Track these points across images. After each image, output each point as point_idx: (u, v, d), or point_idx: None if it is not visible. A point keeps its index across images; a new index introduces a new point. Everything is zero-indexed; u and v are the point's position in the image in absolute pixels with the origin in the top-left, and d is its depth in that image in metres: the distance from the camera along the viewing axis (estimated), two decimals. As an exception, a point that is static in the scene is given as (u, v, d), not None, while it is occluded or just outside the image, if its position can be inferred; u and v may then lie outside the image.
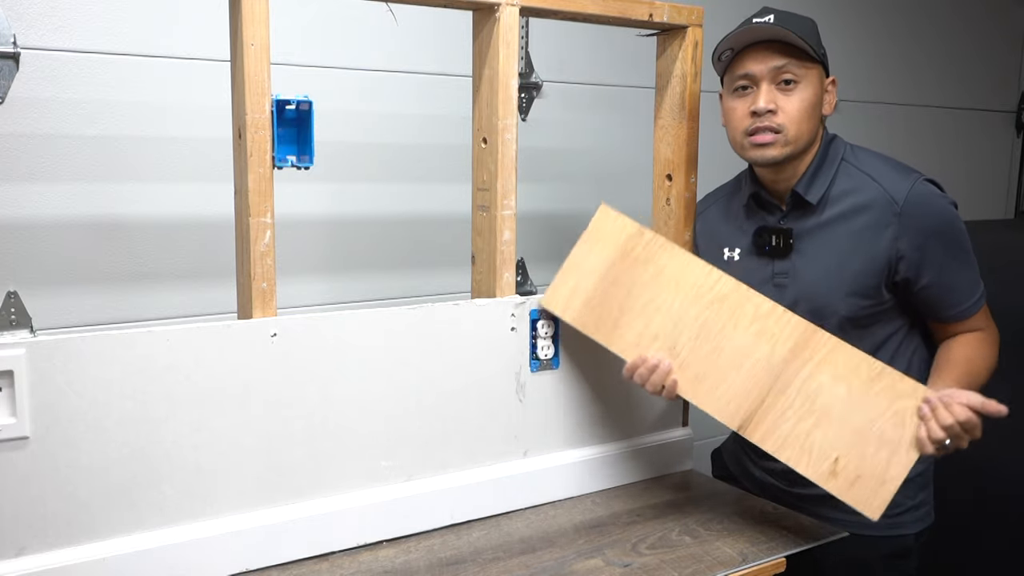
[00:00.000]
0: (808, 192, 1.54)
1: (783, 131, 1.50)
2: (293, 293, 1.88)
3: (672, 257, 1.50)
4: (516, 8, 1.50)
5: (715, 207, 1.73)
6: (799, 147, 1.52)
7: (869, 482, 1.34)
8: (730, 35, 1.53)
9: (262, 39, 1.28)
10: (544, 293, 1.58)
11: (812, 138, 1.54)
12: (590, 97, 2.29)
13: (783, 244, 1.56)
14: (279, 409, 1.35)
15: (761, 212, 1.61)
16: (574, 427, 1.66)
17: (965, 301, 1.52)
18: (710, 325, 1.45)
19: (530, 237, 2.15)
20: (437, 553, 1.42)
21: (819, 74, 1.52)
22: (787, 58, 1.49)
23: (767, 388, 1.40)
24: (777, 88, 1.50)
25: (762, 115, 1.50)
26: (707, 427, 1.79)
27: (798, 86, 1.50)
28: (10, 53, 1.39)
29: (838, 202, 1.53)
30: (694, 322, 1.45)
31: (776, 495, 1.66)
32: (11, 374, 1.16)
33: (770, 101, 1.50)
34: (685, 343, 1.45)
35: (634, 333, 1.49)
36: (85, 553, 1.23)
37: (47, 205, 1.65)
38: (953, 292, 1.51)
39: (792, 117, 1.50)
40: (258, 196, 1.30)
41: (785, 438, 1.38)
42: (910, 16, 3.03)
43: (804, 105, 1.50)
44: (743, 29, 1.51)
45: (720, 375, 1.43)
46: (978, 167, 3.30)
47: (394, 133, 2.00)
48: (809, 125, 1.51)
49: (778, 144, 1.51)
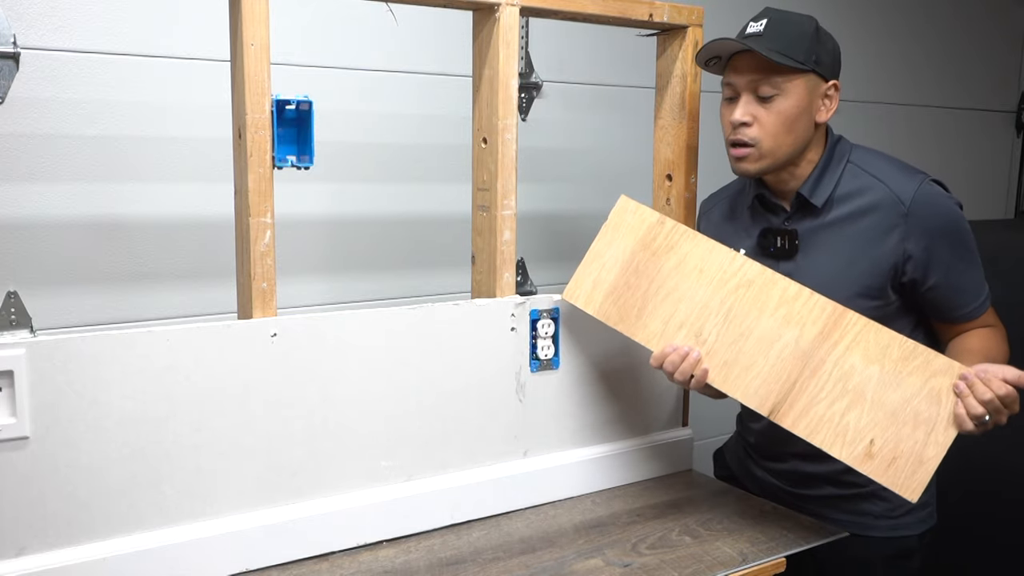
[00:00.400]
0: (813, 194, 1.53)
1: (756, 145, 1.48)
2: (293, 293, 1.88)
3: (695, 245, 1.49)
4: (516, 8, 1.50)
5: (719, 207, 1.72)
6: (777, 160, 1.50)
7: (906, 463, 1.32)
8: (708, 43, 1.50)
9: (262, 39, 1.28)
10: (566, 287, 1.57)
11: (795, 150, 1.50)
12: (590, 97, 2.29)
13: (788, 245, 1.55)
14: (279, 409, 1.35)
15: (766, 213, 1.60)
16: (574, 427, 1.66)
17: (972, 302, 1.52)
18: (736, 311, 1.44)
19: (530, 237, 2.15)
20: (437, 553, 1.42)
21: (806, 83, 1.47)
22: (761, 72, 1.46)
23: (798, 372, 1.39)
24: (757, 99, 1.48)
25: (737, 127, 1.49)
26: (707, 427, 1.79)
27: (776, 99, 1.46)
28: (10, 53, 1.39)
29: (844, 203, 1.52)
30: (720, 308, 1.45)
31: (778, 496, 1.66)
32: (11, 374, 1.16)
33: (746, 113, 1.48)
34: (712, 330, 1.45)
35: (659, 322, 1.49)
36: (85, 553, 1.23)
37: (47, 205, 1.65)
38: (960, 293, 1.51)
39: (767, 131, 1.47)
40: (258, 196, 1.30)
41: (818, 421, 1.37)
42: (910, 16, 3.03)
43: (781, 119, 1.47)
44: (715, 41, 1.49)
45: (749, 360, 1.42)
46: (978, 167, 3.30)
47: (394, 133, 2.00)
48: (789, 138, 1.48)
49: (751, 158, 1.49)
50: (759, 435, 1.67)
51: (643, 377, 1.73)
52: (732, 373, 1.43)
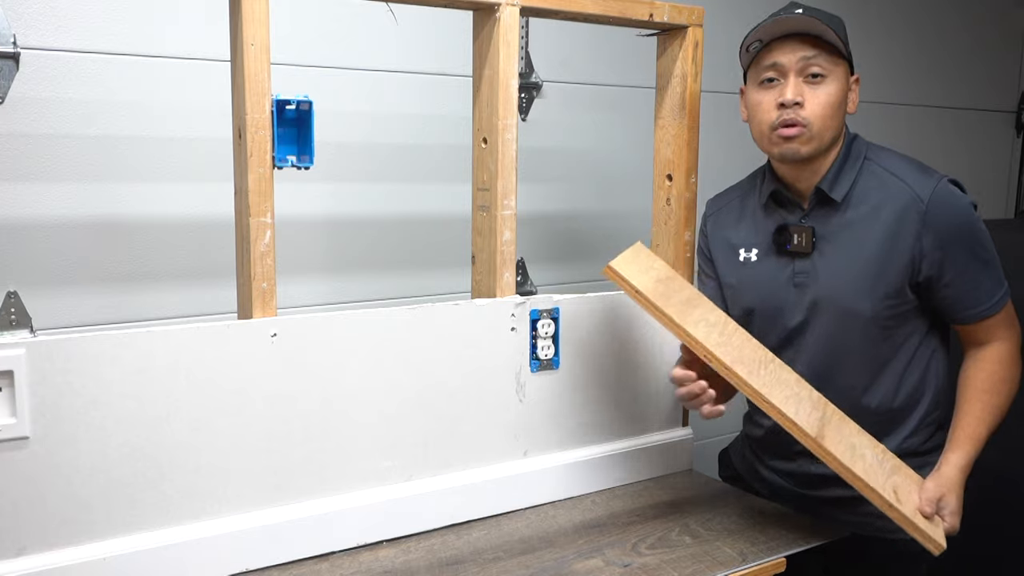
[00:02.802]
0: (833, 189, 1.51)
1: (809, 126, 1.47)
2: (293, 293, 1.88)
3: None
4: (516, 8, 1.50)
5: (727, 208, 1.68)
6: (824, 144, 1.49)
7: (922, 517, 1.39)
8: (760, 25, 1.50)
9: (262, 39, 1.28)
10: (616, 258, 1.53)
11: (836, 135, 1.51)
12: (590, 97, 2.29)
13: (805, 242, 1.53)
14: (279, 409, 1.35)
15: (781, 210, 1.58)
16: (574, 427, 1.66)
17: (986, 300, 1.50)
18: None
19: (530, 237, 2.15)
20: (437, 553, 1.42)
21: (845, 71, 1.50)
22: (815, 51, 1.46)
23: (819, 416, 1.43)
24: (804, 82, 1.48)
25: (789, 107, 1.47)
26: (707, 427, 1.79)
27: (825, 80, 1.47)
28: (10, 53, 1.39)
29: (862, 201, 1.51)
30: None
31: (785, 496, 1.65)
32: (11, 374, 1.16)
33: (798, 94, 1.47)
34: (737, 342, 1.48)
35: (698, 314, 1.50)
36: (85, 553, 1.23)
37: (47, 205, 1.65)
38: (974, 291, 1.50)
39: (818, 112, 1.47)
40: (258, 196, 1.30)
41: (852, 451, 1.40)
42: (910, 16, 3.03)
43: (831, 100, 1.47)
44: (774, 19, 1.48)
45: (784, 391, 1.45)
46: (978, 167, 3.30)
47: (394, 133, 2.00)
48: (834, 122, 1.49)
49: (803, 138, 1.48)
50: (769, 432, 1.66)
51: (643, 377, 1.73)
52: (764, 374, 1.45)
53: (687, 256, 1.77)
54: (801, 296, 1.54)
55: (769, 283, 1.57)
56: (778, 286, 1.56)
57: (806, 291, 1.54)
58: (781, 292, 1.56)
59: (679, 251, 1.76)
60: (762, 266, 1.59)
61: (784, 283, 1.56)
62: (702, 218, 1.74)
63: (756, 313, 1.60)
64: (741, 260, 1.62)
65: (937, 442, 1.55)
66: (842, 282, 1.49)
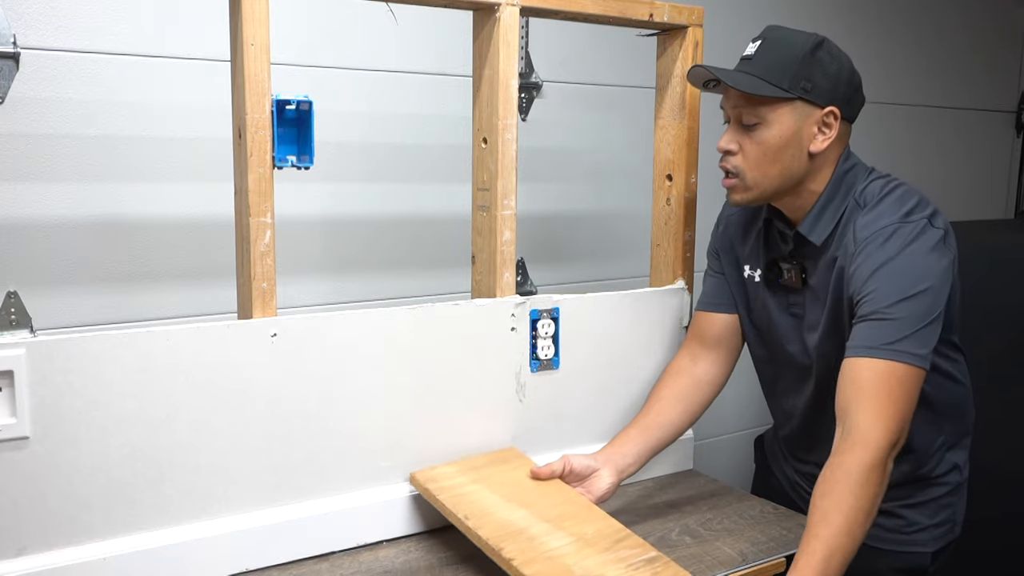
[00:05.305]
0: (811, 233, 1.44)
1: (741, 175, 1.42)
2: (293, 293, 1.88)
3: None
4: (516, 8, 1.50)
5: (738, 215, 1.64)
6: (765, 192, 1.43)
7: None
8: (690, 69, 1.46)
9: (262, 39, 1.28)
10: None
11: (785, 181, 1.42)
12: (590, 97, 2.29)
13: (795, 278, 1.49)
14: (279, 409, 1.35)
15: (775, 239, 1.54)
16: (574, 427, 1.66)
17: (865, 343, 1.32)
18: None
19: (530, 237, 2.15)
20: (437, 553, 1.42)
21: (793, 111, 1.38)
22: (743, 100, 1.39)
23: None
24: (743, 128, 1.42)
25: (723, 155, 1.44)
26: (707, 427, 1.79)
27: (759, 128, 1.39)
28: (10, 53, 1.39)
29: (847, 241, 1.41)
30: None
31: (802, 495, 1.64)
32: (11, 374, 1.16)
33: (731, 141, 1.42)
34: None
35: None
36: (85, 553, 1.23)
37: (47, 205, 1.65)
38: (864, 324, 1.33)
39: (750, 161, 1.41)
40: (258, 196, 1.30)
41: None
42: (910, 16, 3.03)
43: (762, 149, 1.39)
44: (694, 67, 1.45)
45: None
46: (978, 167, 3.30)
47: (394, 133, 2.00)
48: (775, 168, 1.40)
49: (737, 189, 1.44)
50: (786, 440, 1.67)
51: (643, 377, 1.73)
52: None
53: (687, 256, 1.77)
54: (798, 325, 1.53)
55: (770, 307, 1.57)
56: (778, 313, 1.56)
57: (802, 321, 1.52)
58: (781, 319, 1.56)
59: (679, 251, 1.76)
60: (762, 290, 1.58)
61: (783, 310, 1.55)
62: (719, 216, 1.71)
63: (763, 334, 1.61)
64: (745, 276, 1.61)
65: (948, 465, 1.54)
66: (822, 325, 1.46)
